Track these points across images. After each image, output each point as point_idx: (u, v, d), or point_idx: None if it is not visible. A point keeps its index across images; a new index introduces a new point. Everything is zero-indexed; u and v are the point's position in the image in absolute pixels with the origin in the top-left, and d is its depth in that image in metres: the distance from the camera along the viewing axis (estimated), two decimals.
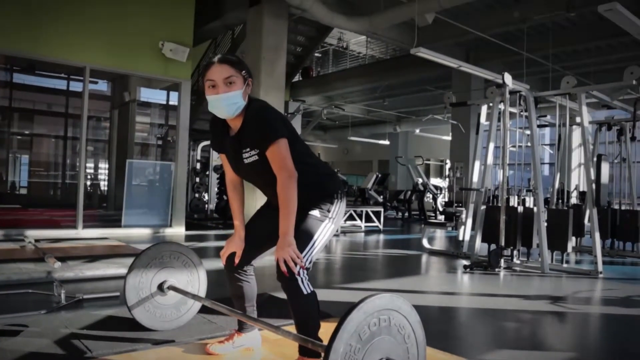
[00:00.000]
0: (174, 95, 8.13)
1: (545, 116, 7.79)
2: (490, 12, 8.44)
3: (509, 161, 5.17)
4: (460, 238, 6.11)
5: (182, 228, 7.53)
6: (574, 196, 6.59)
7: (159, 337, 2.37)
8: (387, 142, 17.14)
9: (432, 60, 6.28)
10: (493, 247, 5.13)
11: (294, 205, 1.82)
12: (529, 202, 5.33)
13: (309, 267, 1.87)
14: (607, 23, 5.76)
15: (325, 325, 1.98)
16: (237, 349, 2.21)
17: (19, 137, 10.18)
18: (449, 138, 12.35)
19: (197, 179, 10.31)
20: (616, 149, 7.09)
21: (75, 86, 8.85)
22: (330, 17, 7.71)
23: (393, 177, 17.35)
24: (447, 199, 11.99)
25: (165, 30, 7.31)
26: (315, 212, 1.94)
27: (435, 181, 15.43)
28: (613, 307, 3.68)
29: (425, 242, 6.54)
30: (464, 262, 5.37)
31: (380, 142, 16.85)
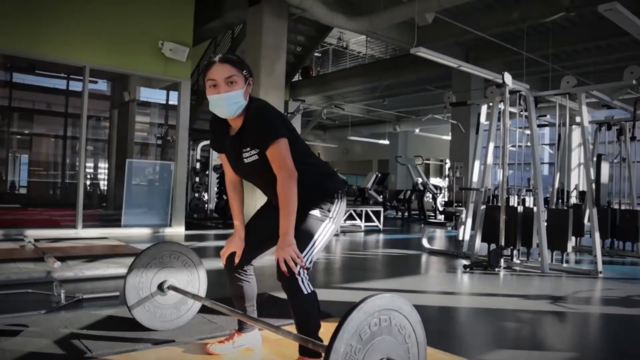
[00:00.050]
0: (173, 94, 8.13)
1: (545, 116, 7.80)
2: (490, 12, 8.44)
3: (508, 161, 5.17)
4: (460, 238, 6.11)
5: (182, 228, 7.53)
6: (574, 196, 6.59)
7: (159, 337, 2.37)
8: (386, 142, 17.14)
9: (432, 60, 6.28)
10: (493, 246, 5.13)
11: (294, 205, 1.82)
12: (529, 201, 5.33)
13: (309, 267, 1.87)
14: (607, 23, 5.76)
15: (325, 325, 1.98)
16: (237, 349, 2.21)
17: (18, 137, 10.18)
18: (448, 138, 12.36)
19: (197, 178, 10.31)
20: (616, 149, 7.09)
21: (74, 86, 8.84)
22: (330, 16, 7.71)
23: (393, 177, 17.36)
24: (446, 199, 11.99)
25: (165, 30, 7.31)
26: (316, 212, 1.93)
27: (435, 181, 15.43)
28: (613, 307, 3.68)
29: (425, 242, 6.54)
30: (464, 261, 5.37)
31: (380, 141, 16.85)
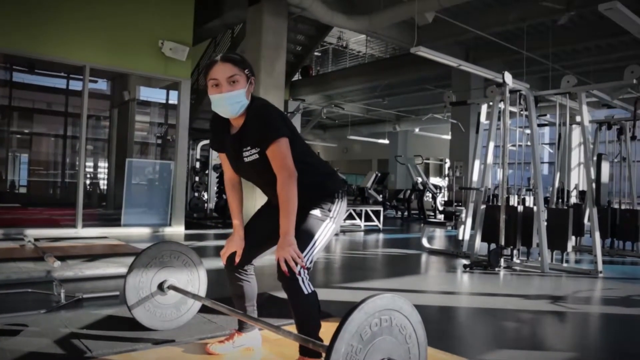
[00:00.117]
0: (173, 94, 8.12)
1: (545, 115, 7.80)
2: (490, 11, 8.43)
3: (508, 160, 5.17)
4: (460, 237, 6.11)
5: (182, 227, 7.53)
6: (574, 195, 6.59)
7: (159, 337, 2.37)
8: (386, 141, 17.14)
9: (431, 59, 6.27)
10: (493, 246, 5.13)
11: (294, 204, 1.81)
12: (529, 201, 5.33)
13: (309, 266, 1.87)
14: (607, 22, 5.76)
15: (325, 325, 1.98)
16: (238, 349, 2.21)
17: (18, 136, 10.17)
18: (448, 137, 12.35)
19: (197, 178, 10.30)
20: (616, 148, 7.09)
21: (74, 85, 8.84)
22: (330, 16, 7.70)
23: (392, 176, 17.36)
24: (446, 198, 11.99)
25: (165, 29, 7.30)
26: (316, 212, 1.93)
27: (434, 180, 15.45)
28: (613, 307, 3.68)
29: (424, 242, 6.53)
30: (464, 261, 5.37)
31: (380, 141, 16.85)
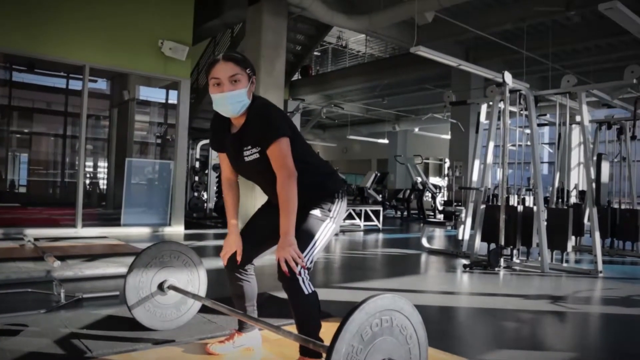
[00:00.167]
0: (173, 93, 8.11)
1: (545, 115, 7.80)
2: (490, 11, 8.43)
3: (508, 160, 5.17)
4: (460, 237, 6.11)
5: (181, 227, 7.53)
6: (574, 195, 6.59)
7: (159, 337, 2.36)
8: (386, 141, 17.14)
9: (431, 59, 6.27)
10: (493, 246, 5.13)
11: (294, 204, 1.81)
12: (529, 201, 5.33)
13: (310, 266, 1.86)
14: (607, 21, 5.76)
15: (325, 325, 1.97)
16: (238, 349, 2.20)
17: (18, 136, 10.16)
18: (448, 137, 12.35)
19: (196, 177, 10.29)
20: (616, 148, 7.10)
21: (74, 85, 8.83)
22: (330, 15, 7.70)
23: (392, 176, 17.36)
24: (446, 198, 11.99)
25: (165, 29, 7.30)
26: (316, 212, 1.93)
27: (434, 180, 15.45)
28: (613, 307, 3.68)
29: (424, 241, 6.53)
30: (464, 261, 5.37)
31: (380, 140, 16.85)
